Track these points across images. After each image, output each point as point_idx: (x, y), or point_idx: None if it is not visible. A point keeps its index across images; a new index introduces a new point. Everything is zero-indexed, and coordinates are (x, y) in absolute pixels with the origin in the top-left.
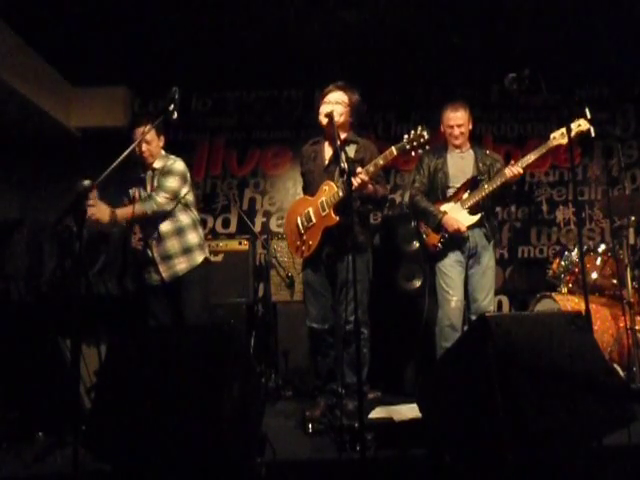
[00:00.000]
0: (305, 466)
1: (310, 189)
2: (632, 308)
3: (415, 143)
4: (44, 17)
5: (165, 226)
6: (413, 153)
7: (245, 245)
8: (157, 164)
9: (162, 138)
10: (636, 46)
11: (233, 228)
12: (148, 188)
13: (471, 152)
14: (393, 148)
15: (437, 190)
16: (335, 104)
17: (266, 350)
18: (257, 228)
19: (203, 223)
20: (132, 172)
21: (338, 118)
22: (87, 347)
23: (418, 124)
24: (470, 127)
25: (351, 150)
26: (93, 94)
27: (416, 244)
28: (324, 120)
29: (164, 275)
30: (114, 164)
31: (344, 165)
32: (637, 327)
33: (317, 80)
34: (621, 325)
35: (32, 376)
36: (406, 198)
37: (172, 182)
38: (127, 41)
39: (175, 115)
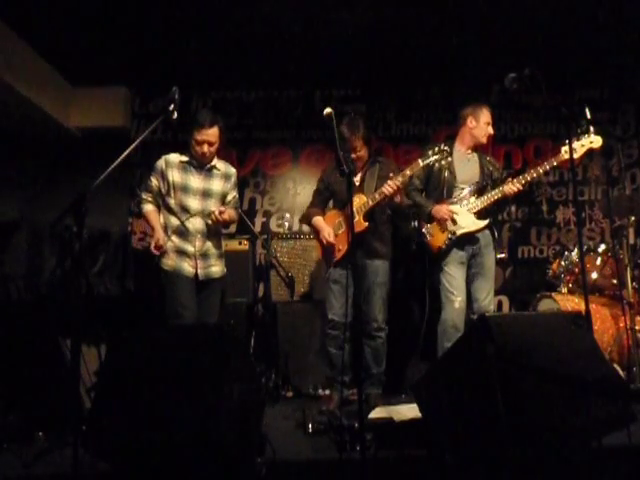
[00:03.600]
0: (305, 466)
1: (339, 205)
2: (632, 308)
3: (439, 156)
4: (44, 17)
5: (209, 225)
6: (437, 165)
7: (245, 245)
8: (216, 162)
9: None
10: (636, 46)
11: (233, 228)
12: (199, 182)
13: (475, 156)
14: (419, 160)
15: (442, 189)
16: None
17: (266, 350)
18: (257, 228)
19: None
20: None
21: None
22: (87, 347)
23: (436, 144)
24: None
25: (376, 169)
26: (93, 94)
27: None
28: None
29: (200, 272)
30: (115, 163)
31: (345, 168)
32: (637, 327)
33: (317, 80)
34: (621, 325)
35: (32, 376)
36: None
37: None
38: (127, 41)
39: (175, 115)
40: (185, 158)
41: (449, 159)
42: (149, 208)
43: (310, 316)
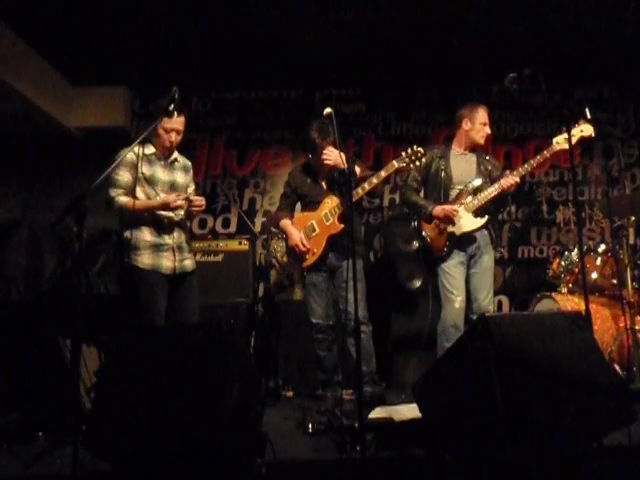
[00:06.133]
0: (305, 466)
1: (308, 207)
2: (632, 308)
3: (413, 157)
4: (44, 17)
5: (181, 216)
6: (412, 165)
7: (245, 245)
8: (176, 155)
9: None
10: (636, 46)
11: (233, 228)
12: (165, 174)
13: (473, 156)
14: (394, 162)
15: (439, 190)
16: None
17: (266, 350)
18: (257, 228)
19: (203, 223)
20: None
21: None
22: (87, 347)
23: (415, 144)
24: None
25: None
26: (93, 94)
27: (416, 244)
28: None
29: (177, 265)
30: (115, 163)
31: (345, 168)
32: (637, 327)
33: (317, 80)
34: (621, 325)
35: (32, 376)
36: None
37: None
38: (127, 41)
39: (175, 115)
40: (149, 150)
41: (423, 160)
42: (126, 198)
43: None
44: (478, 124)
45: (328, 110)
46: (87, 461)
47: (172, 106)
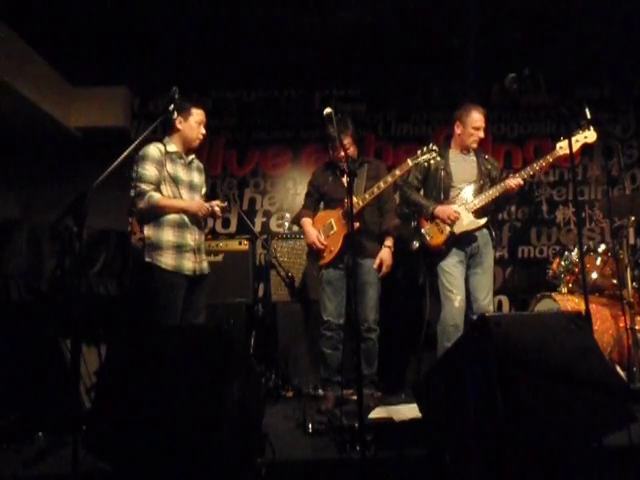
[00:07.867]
0: (305, 466)
1: (329, 205)
2: (632, 308)
3: (427, 155)
4: (45, 17)
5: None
6: (426, 164)
7: (245, 245)
8: (193, 155)
9: None
10: (636, 46)
11: (233, 228)
12: (185, 174)
13: (472, 155)
14: (409, 160)
15: (439, 189)
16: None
17: (266, 350)
18: (257, 228)
19: (203, 223)
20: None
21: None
22: (87, 347)
23: (425, 143)
24: None
25: (364, 170)
26: (93, 94)
27: (416, 244)
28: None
29: (197, 266)
30: (115, 163)
31: (344, 165)
32: (637, 327)
33: (317, 80)
34: (621, 325)
35: (32, 376)
36: None
37: None
38: (127, 41)
39: (175, 115)
40: (172, 149)
41: (438, 158)
42: (160, 195)
43: (310, 316)
44: (470, 128)
45: (328, 110)
46: (87, 461)
47: (172, 106)
